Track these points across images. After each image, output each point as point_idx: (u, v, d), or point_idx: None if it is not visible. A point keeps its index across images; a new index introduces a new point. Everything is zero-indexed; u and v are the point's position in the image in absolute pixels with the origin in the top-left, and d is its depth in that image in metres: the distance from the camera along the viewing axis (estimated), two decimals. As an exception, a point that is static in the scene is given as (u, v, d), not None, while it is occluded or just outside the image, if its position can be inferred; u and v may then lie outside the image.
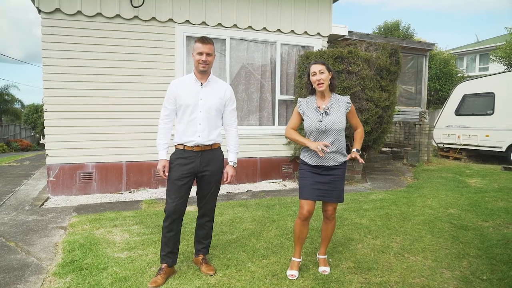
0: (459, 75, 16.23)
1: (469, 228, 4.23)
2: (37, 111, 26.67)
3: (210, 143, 3.07)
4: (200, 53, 2.98)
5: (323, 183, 2.99)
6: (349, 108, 3.03)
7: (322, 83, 2.95)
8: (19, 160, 11.73)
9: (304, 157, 3.08)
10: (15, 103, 27.94)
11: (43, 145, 22.95)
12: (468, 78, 14.19)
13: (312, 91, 3.09)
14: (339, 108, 3.01)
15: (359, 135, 3.13)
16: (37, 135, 27.05)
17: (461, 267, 3.21)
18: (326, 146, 2.89)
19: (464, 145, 10.66)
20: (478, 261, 3.33)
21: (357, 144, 3.10)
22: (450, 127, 11.06)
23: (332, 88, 3.05)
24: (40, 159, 11.71)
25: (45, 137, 5.96)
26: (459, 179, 7.40)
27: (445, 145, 11.33)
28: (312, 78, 2.98)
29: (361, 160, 2.99)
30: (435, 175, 7.87)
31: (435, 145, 11.50)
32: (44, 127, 5.98)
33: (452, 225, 4.32)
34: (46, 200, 5.72)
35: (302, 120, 3.10)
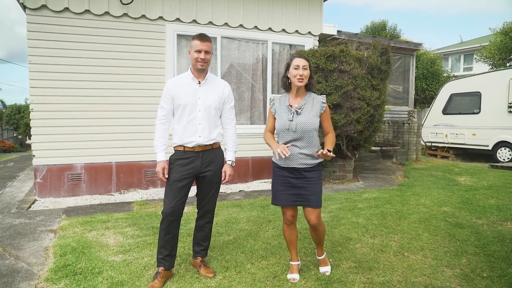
0: (445, 75, 16.46)
1: (464, 225, 4.25)
2: (19, 111, 26.03)
3: (211, 142, 3.00)
4: (199, 51, 2.89)
5: (298, 187, 2.85)
6: (324, 109, 2.86)
7: (303, 79, 2.81)
8: (2, 162, 11.40)
9: (275, 158, 2.94)
10: (-4, 103, 27.36)
11: (26, 146, 22.41)
12: (454, 78, 14.41)
13: (288, 87, 2.95)
14: (312, 108, 2.84)
15: (330, 139, 2.89)
16: (19, 136, 26.41)
17: (461, 265, 3.20)
18: (288, 146, 2.79)
19: (451, 143, 10.80)
20: (477, 259, 3.33)
21: (329, 146, 2.82)
22: (437, 126, 11.20)
23: (308, 87, 2.91)
24: (24, 161, 11.41)
25: (31, 137, 5.78)
26: (449, 177, 7.47)
27: (433, 144, 11.47)
28: (293, 72, 2.82)
29: (330, 155, 2.68)
30: (425, 174, 7.94)
31: (423, 143, 11.63)
32: (30, 128, 5.79)
33: (448, 223, 4.34)
34: (33, 203, 5.55)
35: None
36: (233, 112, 3.17)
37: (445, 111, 11.07)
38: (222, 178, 3.08)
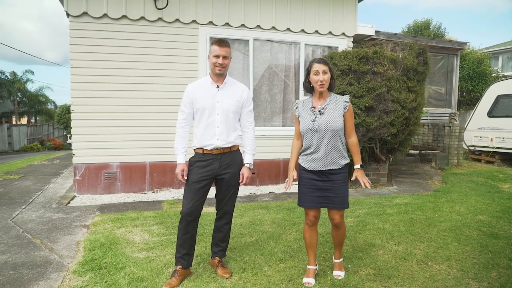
0: (493, 75, 15.54)
1: (500, 236, 4.02)
2: (69, 111, 27.52)
3: (229, 145, 3.06)
4: (217, 56, 2.95)
5: (323, 190, 2.87)
6: (347, 108, 2.87)
7: (324, 84, 2.84)
8: (50, 159, 12.16)
9: (302, 161, 2.98)
10: (49, 103, 29.16)
11: (74, 144, 23.70)
12: (503, 78, 13.57)
13: (310, 90, 2.97)
14: (335, 107, 2.86)
15: (356, 146, 2.96)
16: (68, 135, 27.98)
17: (489, 278, 3.04)
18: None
19: (497, 148, 10.19)
20: (509, 273, 3.14)
21: (358, 159, 2.96)
22: (482, 129, 10.60)
23: (330, 88, 2.93)
24: (69, 158, 12.05)
25: (72, 137, 6.13)
26: (491, 184, 7.07)
27: (477, 148, 10.87)
28: (314, 78, 2.84)
29: (367, 184, 2.91)
30: (465, 179, 7.56)
31: (466, 147, 11.06)
32: (72, 127, 6.15)
33: (481, 233, 4.12)
34: (72, 199, 5.88)
35: None
36: (252, 115, 3.20)
37: (490, 114, 10.45)
38: (240, 180, 3.12)
